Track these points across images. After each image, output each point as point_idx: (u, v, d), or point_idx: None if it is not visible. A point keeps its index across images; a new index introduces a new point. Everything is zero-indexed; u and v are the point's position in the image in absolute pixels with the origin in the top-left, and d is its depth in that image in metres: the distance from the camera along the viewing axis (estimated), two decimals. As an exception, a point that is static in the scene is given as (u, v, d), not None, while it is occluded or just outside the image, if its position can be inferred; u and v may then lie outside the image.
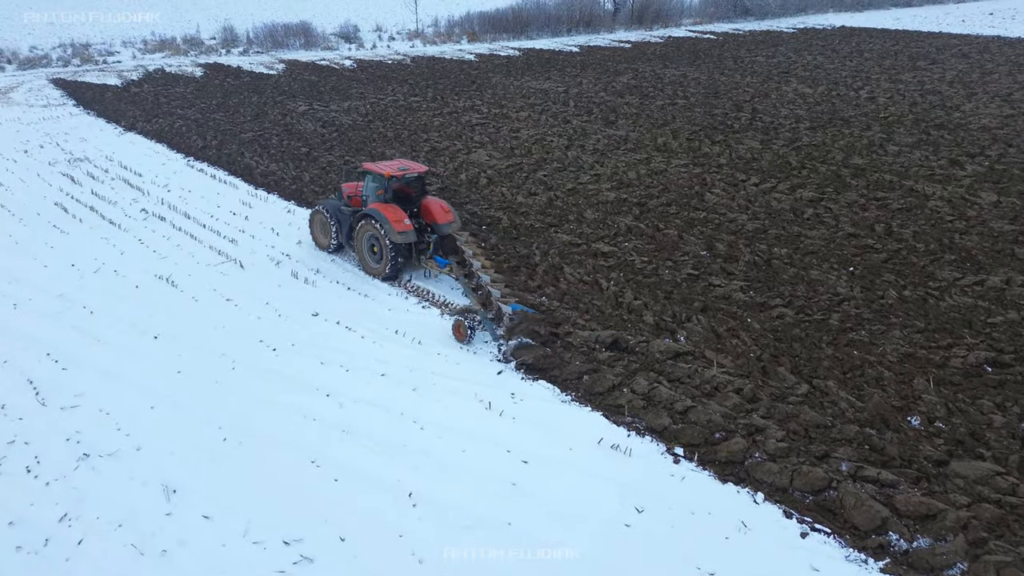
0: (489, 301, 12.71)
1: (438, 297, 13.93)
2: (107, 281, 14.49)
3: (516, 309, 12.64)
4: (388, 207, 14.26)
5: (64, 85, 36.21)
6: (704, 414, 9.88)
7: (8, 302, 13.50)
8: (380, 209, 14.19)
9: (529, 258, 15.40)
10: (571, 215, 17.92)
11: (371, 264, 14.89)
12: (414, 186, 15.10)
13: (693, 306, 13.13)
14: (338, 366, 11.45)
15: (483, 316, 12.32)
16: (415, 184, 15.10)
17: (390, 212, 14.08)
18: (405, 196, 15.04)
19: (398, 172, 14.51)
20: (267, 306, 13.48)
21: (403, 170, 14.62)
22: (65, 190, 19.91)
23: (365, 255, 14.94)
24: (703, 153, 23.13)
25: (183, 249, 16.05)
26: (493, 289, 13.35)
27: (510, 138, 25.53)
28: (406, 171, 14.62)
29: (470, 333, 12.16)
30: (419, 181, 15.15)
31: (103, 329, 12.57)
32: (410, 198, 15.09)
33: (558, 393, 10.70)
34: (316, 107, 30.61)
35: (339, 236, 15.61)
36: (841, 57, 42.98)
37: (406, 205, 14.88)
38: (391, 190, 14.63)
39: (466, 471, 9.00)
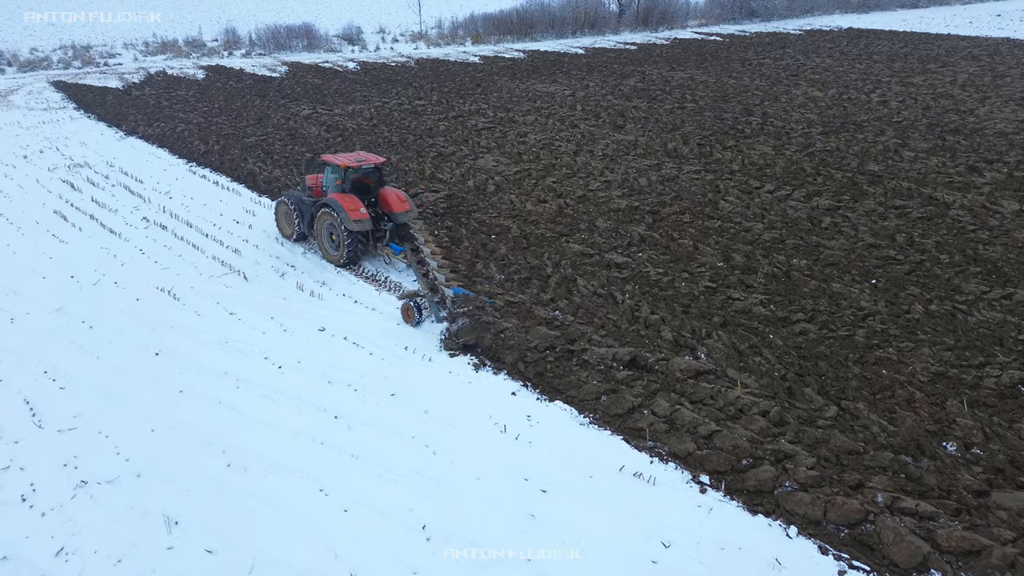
0: (436, 286, 13.63)
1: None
2: (107, 294, 14.07)
3: (458, 292, 13.39)
4: (346, 197, 14.92)
5: (65, 88, 35.84)
6: (730, 439, 9.44)
7: (4, 316, 13.08)
8: (338, 199, 14.86)
9: (541, 269, 14.97)
10: (582, 224, 17.48)
11: (330, 251, 15.55)
12: (372, 177, 15.77)
13: (712, 321, 12.69)
14: (346, 385, 11.03)
15: (429, 299, 13.17)
16: (373, 175, 15.77)
17: (347, 201, 14.74)
18: (363, 186, 15.72)
19: (355, 163, 15.18)
20: (272, 320, 13.06)
21: (360, 161, 15.29)
22: (65, 197, 19.50)
23: (324, 242, 15.61)
24: (715, 159, 22.69)
25: (185, 260, 15.64)
26: (438, 274, 14.22)
27: (517, 143, 25.10)
28: (363, 162, 15.27)
29: (418, 316, 12.88)
30: (376, 172, 15.81)
31: (102, 345, 12.16)
32: (368, 188, 15.76)
33: (575, 415, 10.26)
34: (320, 111, 30.20)
35: (301, 225, 16.17)
36: (850, 59, 42.53)
37: (364, 195, 15.59)
38: (349, 180, 15.36)
39: (482, 501, 8.57)
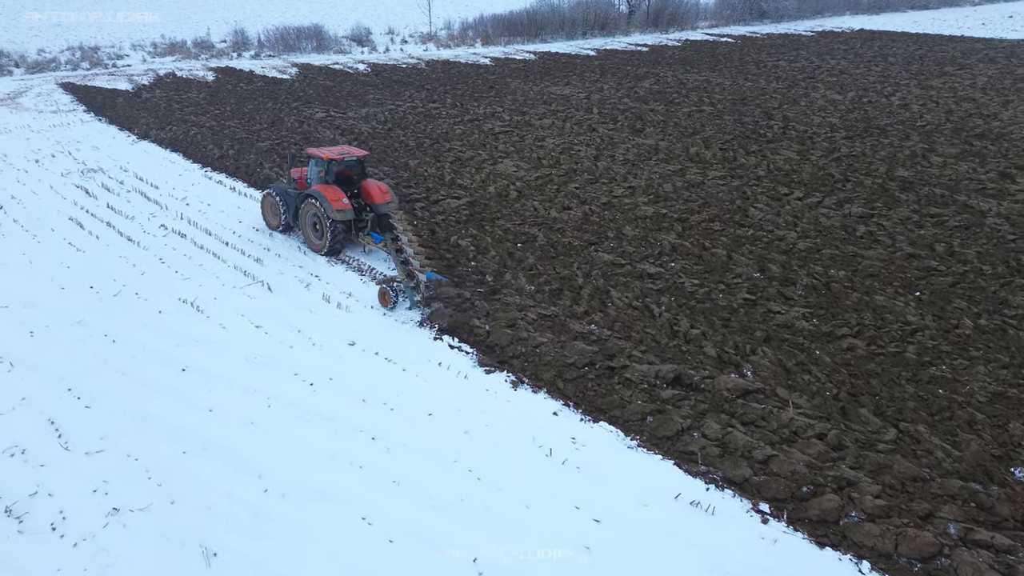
0: (411, 272, 14.32)
1: (480, 330, 13.10)
2: (128, 305, 13.69)
3: (431, 278, 14.11)
4: (329, 188, 15.54)
5: (74, 90, 35.46)
6: (787, 464, 9.05)
7: (24, 329, 12.70)
8: (322, 190, 15.47)
9: (571, 280, 14.58)
10: (610, 232, 17.09)
11: (314, 240, 16.16)
12: (354, 169, 16.40)
13: (755, 335, 12.29)
14: (381, 404, 10.64)
15: (405, 285, 13.79)
16: (355, 167, 16.39)
17: (330, 192, 15.36)
18: (346, 178, 16.33)
19: (338, 156, 15.89)
20: (300, 334, 12.67)
21: (343, 154, 16.02)
22: (80, 203, 19.12)
23: (308, 232, 16.20)
24: (739, 164, 22.29)
25: (206, 269, 15.25)
26: (414, 260, 14.93)
27: (536, 147, 24.71)
28: (346, 155, 16.00)
29: (394, 299, 13.55)
30: (359, 164, 16.43)
31: (127, 360, 11.77)
32: (351, 180, 16.36)
33: (622, 437, 9.87)
34: (333, 114, 29.82)
35: (287, 216, 16.76)
36: (865, 62, 42.09)
37: (347, 187, 16.15)
38: (332, 172, 15.96)
39: (533, 532, 8.18)
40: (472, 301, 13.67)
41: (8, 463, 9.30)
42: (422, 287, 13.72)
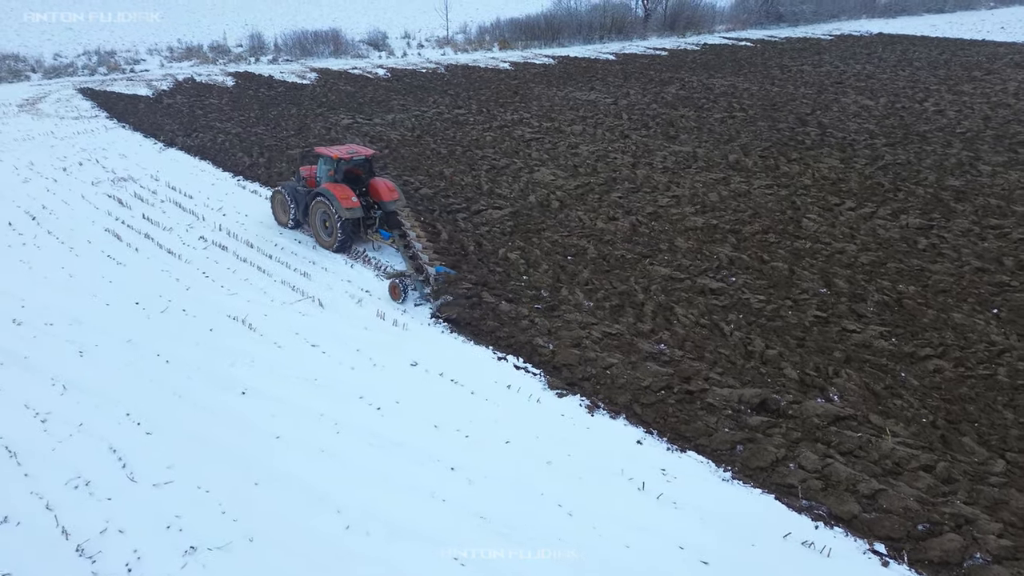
0: (420, 266, 14.68)
1: (544, 349, 12.62)
2: (177, 322, 13.24)
3: (440, 271, 14.45)
4: (338, 186, 15.89)
5: (93, 95, 35.09)
6: (897, 499, 8.56)
7: (72, 349, 12.25)
8: (331, 188, 15.81)
9: (631, 295, 14.11)
10: (662, 244, 16.62)
11: (323, 237, 16.53)
12: (362, 167, 16.85)
13: (834, 356, 11.81)
14: (454, 430, 10.17)
15: (415, 279, 14.30)
16: (363, 166, 16.84)
17: (339, 191, 15.71)
18: (354, 177, 16.74)
19: (347, 155, 16.22)
20: (359, 354, 12.20)
21: (352, 153, 16.36)
22: (114, 214, 18.69)
23: (318, 229, 16.55)
24: (782, 172, 21.81)
25: (253, 284, 14.80)
26: (422, 255, 15.20)
27: (570, 155, 24.25)
28: (354, 154, 16.35)
29: (404, 293, 13.86)
30: (367, 163, 16.85)
31: (182, 382, 11.32)
32: (359, 178, 16.78)
33: (713, 468, 9.39)
34: (359, 120, 29.39)
35: (296, 214, 17.26)
36: (891, 66, 41.59)
37: (355, 185, 16.52)
38: (341, 171, 16.31)
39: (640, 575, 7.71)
40: (531, 318, 13.22)
41: (73, 496, 8.85)
42: (431, 280, 14.14)
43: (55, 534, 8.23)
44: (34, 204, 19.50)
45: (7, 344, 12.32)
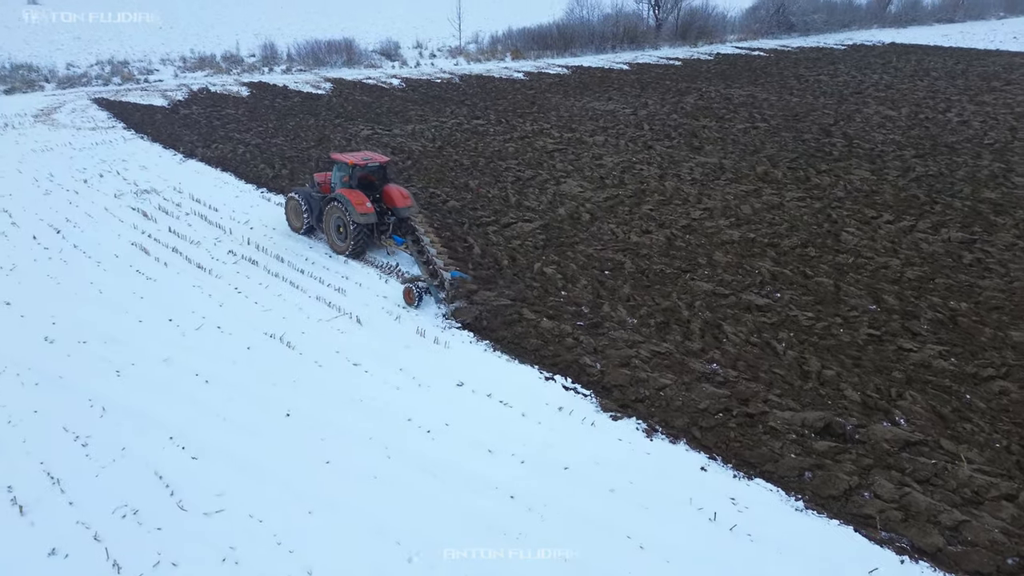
0: (435, 271, 14.91)
1: (592, 369, 12.27)
2: (213, 340, 12.93)
3: (455, 276, 14.62)
4: (353, 192, 16.02)
5: (108, 105, 34.90)
6: (982, 531, 8.20)
7: (108, 368, 11.93)
8: (345, 194, 15.95)
9: (675, 312, 13.77)
10: (700, 258, 16.30)
11: (337, 242, 16.64)
12: (376, 174, 16.92)
13: (893, 376, 11.46)
14: (509, 455, 9.83)
15: (429, 283, 14.58)
16: (377, 172, 16.90)
17: (354, 196, 15.83)
18: (368, 183, 16.81)
19: (362, 161, 16.38)
20: (402, 373, 11.88)
21: (366, 160, 16.52)
22: (139, 227, 18.40)
23: (332, 235, 16.70)
24: (813, 184, 21.51)
25: (287, 300, 14.48)
26: (437, 260, 15.35)
27: (595, 166, 23.98)
28: (369, 160, 16.51)
29: (419, 298, 14.07)
30: (381, 170, 16.93)
31: (223, 403, 10.99)
32: (373, 185, 16.88)
33: (784, 497, 9.02)
34: (379, 131, 29.15)
35: (310, 219, 17.38)
36: (908, 76, 41.38)
37: (369, 191, 16.64)
38: (356, 177, 16.49)
39: (722, 613, 7.34)
40: (575, 336, 12.89)
41: (121, 526, 8.51)
42: (446, 285, 14.28)
43: (106, 568, 7.90)
44: (57, 217, 19.23)
45: (41, 363, 12.00)
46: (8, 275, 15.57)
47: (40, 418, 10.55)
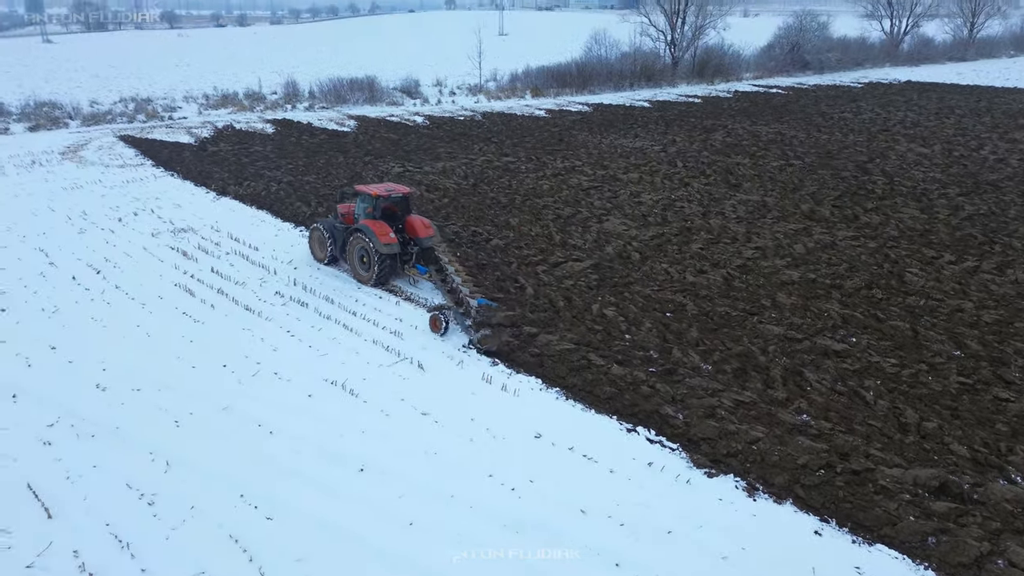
0: (460, 299, 15.08)
1: (675, 420, 11.65)
2: (271, 387, 12.36)
3: (482, 303, 14.76)
4: (376, 223, 16.32)
5: (135, 143, 34.84)
6: None
7: (166, 418, 11.35)
8: (369, 224, 16.26)
9: (750, 357, 13.19)
10: (763, 299, 15.77)
11: (361, 272, 16.90)
12: (399, 205, 17.24)
13: (997, 429, 10.83)
14: (605, 516, 9.18)
15: (455, 311, 14.66)
16: (400, 203, 17.24)
17: (377, 227, 16.15)
18: (391, 214, 17.14)
19: (385, 192, 16.75)
20: (474, 423, 11.28)
21: (390, 191, 16.88)
22: (181, 267, 17.97)
23: (356, 265, 17.00)
24: (863, 223, 21.08)
25: (342, 344, 13.95)
26: (463, 287, 15.58)
27: (634, 203, 23.63)
28: (392, 192, 16.88)
29: (445, 325, 14.10)
30: (404, 201, 17.29)
31: (291, 457, 10.39)
32: (396, 215, 17.19)
33: (911, 565, 8.35)
34: (409, 168, 28.93)
35: (334, 249, 17.77)
36: (932, 114, 41.34)
37: (392, 221, 16.97)
38: (379, 208, 16.83)
39: None
40: (650, 383, 12.31)
41: (200, 597, 7.87)
42: (473, 312, 14.42)
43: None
44: (95, 256, 18.82)
45: (95, 413, 11.44)
46: (51, 318, 15.08)
47: (101, 474, 9.95)
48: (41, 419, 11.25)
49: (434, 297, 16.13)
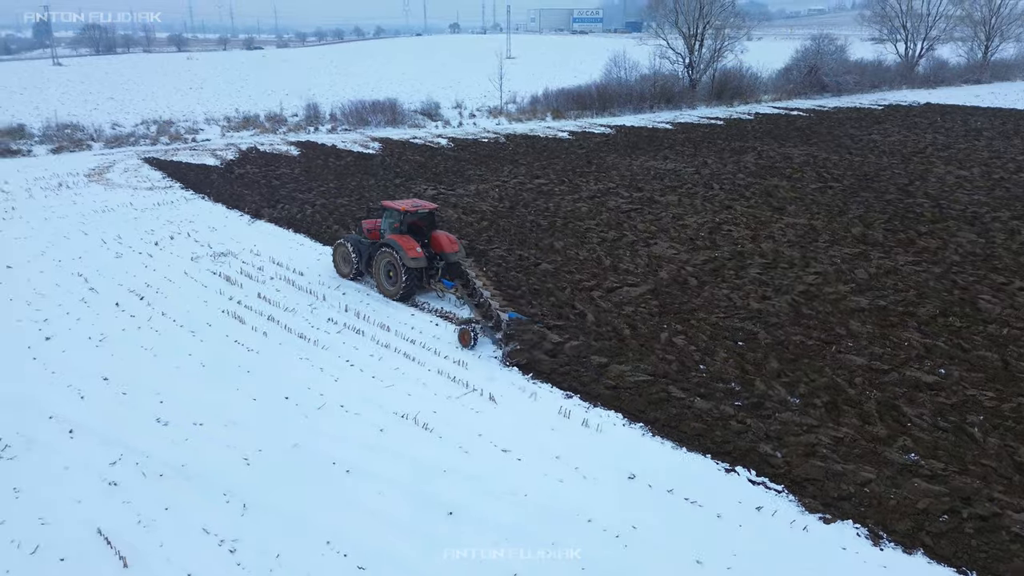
0: (489, 313, 15.36)
1: (775, 459, 11.00)
2: (339, 422, 11.73)
3: (513, 317, 15.06)
4: (403, 237, 16.63)
5: (160, 165, 34.52)
6: None
7: (235, 455, 10.71)
8: (396, 239, 16.55)
9: (838, 390, 12.55)
10: (836, 328, 15.15)
11: (387, 287, 17.09)
12: (425, 220, 17.52)
13: (1123, 470, 10.16)
14: (724, 569, 8.51)
15: (484, 324, 14.84)
16: (426, 219, 17.51)
17: (405, 241, 16.46)
18: (417, 229, 17.41)
19: (411, 208, 17.07)
20: (560, 462, 10.63)
21: (416, 207, 17.21)
22: (226, 293, 17.42)
23: (382, 279, 17.18)
24: (920, 247, 20.51)
25: (406, 374, 13.34)
26: (492, 301, 16.01)
27: (678, 227, 23.10)
28: (419, 207, 17.20)
29: (474, 339, 14.20)
30: (429, 216, 17.57)
31: (374, 499, 9.74)
32: (421, 230, 17.46)
33: (1071, 623, 7.66)
34: (443, 191, 28.50)
35: (359, 264, 17.94)
36: (960, 136, 40.94)
37: (418, 236, 17.20)
38: (406, 223, 17.11)
39: None
40: (739, 419, 11.66)
41: (302, 661, 7.19)
42: (503, 325, 14.61)
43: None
44: (136, 282, 18.29)
45: (158, 450, 10.82)
46: (99, 346, 14.52)
47: (174, 517, 9.31)
48: (103, 456, 10.63)
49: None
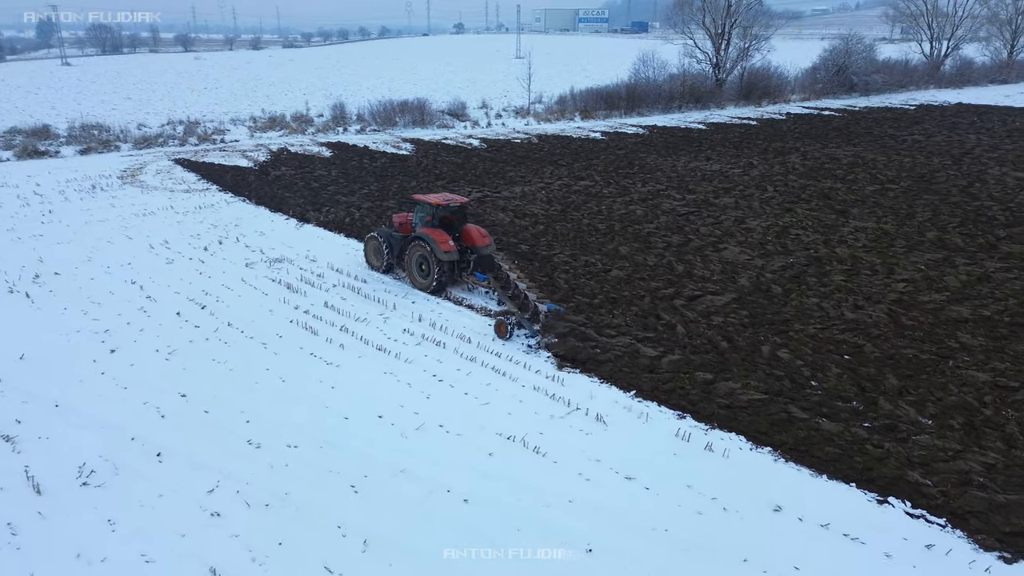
0: (526, 304, 15.37)
1: (928, 489, 10.14)
2: (442, 444, 10.91)
3: (551, 308, 15.32)
4: (435, 231, 16.67)
5: (193, 167, 33.75)
6: None
7: (340, 483, 9.89)
8: (429, 233, 16.63)
9: (970, 410, 11.68)
10: (945, 340, 14.28)
11: (419, 280, 17.30)
12: (457, 214, 17.45)
13: None
14: (911, 616, 7.66)
15: (519, 317, 14.84)
16: (457, 212, 17.45)
17: (437, 235, 16.51)
18: (448, 223, 17.38)
19: (444, 202, 16.99)
20: (692, 491, 9.80)
21: (448, 200, 17.12)
22: (290, 301, 16.61)
23: (414, 272, 17.35)
24: (1005, 252, 19.62)
25: (500, 391, 12.50)
26: (530, 294, 16.32)
27: (742, 230, 22.25)
28: (450, 201, 17.11)
29: (510, 331, 14.32)
30: (461, 210, 17.52)
31: (496, 529, 8.94)
32: (453, 224, 17.41)
33: None
34: (489, 194, 27.68)
35: (390, 258, 18.12)
36: (1003, 136, 39.99)
37: (449, 230, 17.17)
38: (438, 217, 17.07)
39: None
40: (875, 442, 10.80)
41: None
42: (541, 317, 14.78)
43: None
44: (193, 289, 17.50)
45: (257, 476, 10.01)
46: (169, 360, 13.72)
47: (289, 552, 8.51)
48: (198, 483, 9.84)
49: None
